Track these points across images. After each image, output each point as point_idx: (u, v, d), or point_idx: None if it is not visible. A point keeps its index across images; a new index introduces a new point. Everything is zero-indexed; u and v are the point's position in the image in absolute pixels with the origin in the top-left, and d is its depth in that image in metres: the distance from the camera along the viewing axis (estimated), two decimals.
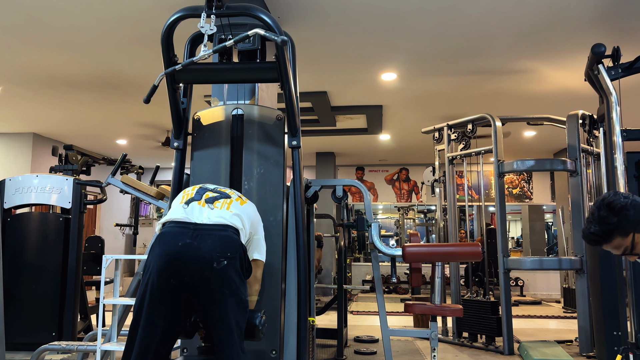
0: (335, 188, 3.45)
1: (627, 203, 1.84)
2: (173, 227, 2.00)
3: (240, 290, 2.01)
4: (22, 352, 4.81)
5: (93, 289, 7.51)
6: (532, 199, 11.19)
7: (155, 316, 1.97)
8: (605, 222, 1.85)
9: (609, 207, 1.86)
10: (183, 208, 2.08)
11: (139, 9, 4.00)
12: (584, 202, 5.27)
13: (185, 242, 1.94)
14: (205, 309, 2.00)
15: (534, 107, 6.52)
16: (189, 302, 2.01)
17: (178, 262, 1.93)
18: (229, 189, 2.31)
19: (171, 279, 1.93)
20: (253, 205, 2.35)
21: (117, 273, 3.67)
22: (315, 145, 9.40)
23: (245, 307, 2.05)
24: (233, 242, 2.02)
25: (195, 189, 2.21)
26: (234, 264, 1.98)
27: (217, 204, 2.11)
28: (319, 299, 8.72)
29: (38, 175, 5.21)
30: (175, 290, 1.95)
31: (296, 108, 2.77)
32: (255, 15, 2.45)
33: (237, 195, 2.26)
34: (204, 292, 1.95)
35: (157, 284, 1.94)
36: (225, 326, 1.98)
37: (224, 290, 1.96)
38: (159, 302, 1.96)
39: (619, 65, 3.87)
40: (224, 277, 1.94)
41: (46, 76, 5.56)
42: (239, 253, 2.01)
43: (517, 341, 5.43)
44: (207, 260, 1.92)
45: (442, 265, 3.52)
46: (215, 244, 1.96)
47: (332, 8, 4.01)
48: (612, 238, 1.86)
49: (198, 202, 2.10)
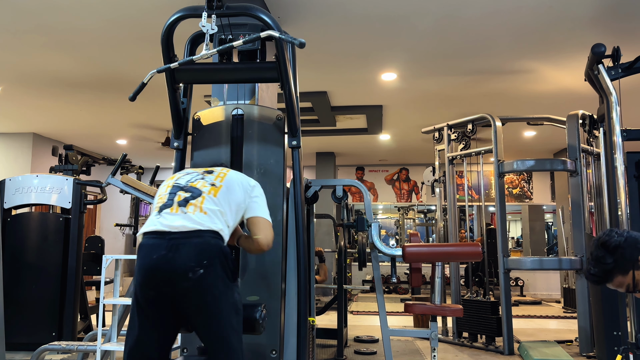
0: (335, 188, 3.45)
1: (621, 241, 1.85)
2: (148, 239, 1.99)
3: (225, 295, 1.96)
4: (22, 352, 4.81)
5: (93, 289, 7.51)
6: (532, 199, 11.20)
7: (145, 325, 1.99)
8: (602, 263, 1.86)
9: (603, 247, 1.88)
10: (157, 218, 2.02)
11: (139, 9, 4.00)
12: (584, 202, 5.27)
13: (160, 254, 1.92)
14: (190, 318, 1.98)
15: (534, 107, 6.52)
16: (177, 311, 1.99)
17: (155, 275, 1.92)
18: (201, 178, 2.15)
19: (151, 292, 1.94)
20: (234, 177, 2.20)
21: (117, 273, 3.67)
22: (315, 145, 9.40)
23: (234, 310, 2.00)
24: (209, 248, 1.95)
25: (168, 190, 2.11)
26: (213, 271, 1.92)
27: (190, 207, 2.01)
28: (319, 299, 8.72)
29: (38, 175, 5.21)
30: (158, 302, 1.96)
31: (296, 108, 2.77)
32: (255, 15, 2.45)
33: (210, 185, 2.11)
34: (185, 302, 1.94)
35: (141, 296, 1.97)
36: (212, 334, 1.95)
37: (205, 299, 1.92)
38: (144, 314, 1.98)
39: (619, 65, 3.87)
40: (201, 285, 1.91)
41: (46, 76, 5.56)
42: (218, 258, 1.95)
43: (517, 341, 5.43)
44: (182, 271, 1.89)
45: (442, 265, 3.52)
46: (190, 254, 1.91)
47: (332, 8, 4.01)
48: (613, 277, 1.87)
49: (171, 208, 2.02)
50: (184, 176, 2.19)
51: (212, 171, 2.22)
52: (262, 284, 2.65)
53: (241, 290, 2.63)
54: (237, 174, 2.26)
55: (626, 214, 3.69)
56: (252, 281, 2.65)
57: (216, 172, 2.22)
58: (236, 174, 2.25)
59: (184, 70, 2.57)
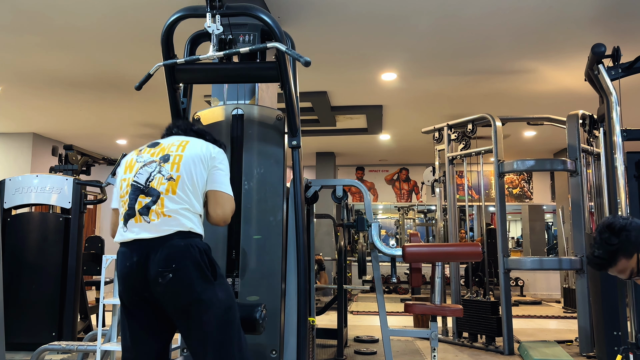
0: (335, 188, 3.45)
1: (626, 224, 1.86)
2: (122, 248, 2.02)
3: (205, 294, 1.90)
4: (22, 352, 4.80)
5: (93, 289, 7.51)
6: (532, 199, 11.20)
7: (134, 328, 2.00)
8: (607, 244, 1.86)
9: (608, 228, 1.88)
10: (124, 231, 2.00)
11: (139, 9, 4.00)
12: (584, 202, 5.27)
13: (132, 262, 1.94)
14: (175, 321, 1.98)
15: (534, 107, 6.52)
16: (164, 311, 1.98)
17: (130, 281, 1.94)
18: (158, 172, 2.00)
19: (134, 297, 1.97)
20: (191, 154, 2.03)
21: (117, 273, 3.67)
22: (315, 145, 9.40)
23: (219, 308, 1.93)
24: (177, 251, 1.90)
25: (129, 191, 2.01)
26: (184, 274, 1.89)
27: (152, 214, 1.95)
28: (319, 299, 8.72)
29: (38, 175, 5.21)
30: (142, 305, 1.97)
31: (296, 108, 2.77)
32: (256, 15, 2.45)
33: (167, 181, 1.98)
34: (165, 304, 1.94)
35: (126, 300, 2.00)
36: (194, 336, 1.93)
37: (181, 302, 1.90)
38: (134, 318, 2.00)
39: (619, 65, 3.87)
40: (173, 289, 1.89)
41: (46, 76, 5.56)
42: (190, 259, 1.90)
43: (517, 341, 5.43)
44: (152, 277, 1.90)
45: (442, 265, 3.52)
46: (159, 259, 1.90)
47: (333, 8, 4.01)
48: (617, 260, 1.87)
49: (135, 219, 1.97)
50: (143, 168, 2.03)
51: (169, 156, 2.03)
52: (262, 284, 2.65)
53: (241, 290, 2.64)
54: (194, 146, 2.06)
55: (626, 213, 3.69)
56: (252, 281, 2.65)
57: (172, 156, 2.03)
58: (193, 147, 2.05)
59: (184, 70, 2.57)
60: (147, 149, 2.11)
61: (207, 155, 2.06)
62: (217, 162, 2.07)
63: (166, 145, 2.09)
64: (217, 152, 2.10)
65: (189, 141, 2.09)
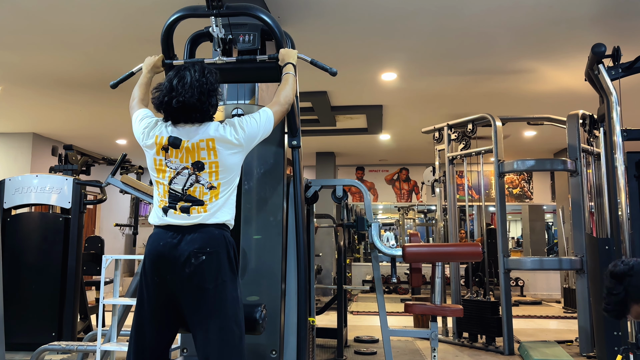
0: (335, 188, 3.44)
1: (627, 269, 1.84)
2: (157, 230, 2.06)
3: (230, 285, 1.98)
4: (22, 352, 4.80)
5: (93, 289, 7.51)
6: (532, 199, 11.19)
7: (148, 315, 2.02)
8: (613, 294, 1.85)
9: (611, 277, 1.87)
10: (162, 216, 2.04)
11: (139, 9, 4.00)
12: (584, 202, 5.27)
13: (166, 241, 1.98)
14: (190, 309, 1.97)
15: (534, 107, 6.52)
16: (177, 304, 2.00)
17: (160, 260, 1.98)
18: (196, 181, 2.03)
19: (155, 277, 1.99)
20: (223, 150, 2.03)
21: (117, 273, 3.67)
22: (315, 145, 9.40)
23: (237, 304, 2.00)
24: (213, 237, 1.99)
25: (167, 197, 2.04)
26: (216, 259, 1.96)
27: (194, 211, 2.01)
28: (319, 299, 8.72)
29: (38, 175, 5.21)
30: (161, 289, 1.99)
31: (296, 108, 2.77)
32: (256, 15, 2.45)
33: (209, 190, 2.02)
34: (186, 289, 1.96)
35: (145, 283, 2.03)
36: (213, 327, 1.94)
37: (207, 286, 1.94)
38: (148, 302, 2.02)
39: (619, 65, 3.87)
40: (204, 272, 1.94)
41: (46, 76, 5.56)
42: (223, 247, 1.99)
43: (517, 341, 5.43)
44: (185, 256, 1.94)
45: (442, 265, 3.52)
46: (195, 240, 1.97)
47: (333, 8, 4.01)
48: (628, 307, 1.84)
49: (175, 211, 2.02)
50: (177, 177, 2.03)
51: (202, 165, 2.02)
52: (262, 284, 2.65)
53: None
54: (220, 142, 2.03)
55: (626, 214, 3.69)
56: (252, 281, 2.65)
57: (206, 164, 2.02)
58: (220, 143, 2.03)
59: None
60: (173, 150, 2.04)
61: (233, 134, 2.05)
62: (238, 125, 2.08)
63: (190, 145, 2.03)
64: (230, 122, 2.08)
65: (213, 139, 2.03)
